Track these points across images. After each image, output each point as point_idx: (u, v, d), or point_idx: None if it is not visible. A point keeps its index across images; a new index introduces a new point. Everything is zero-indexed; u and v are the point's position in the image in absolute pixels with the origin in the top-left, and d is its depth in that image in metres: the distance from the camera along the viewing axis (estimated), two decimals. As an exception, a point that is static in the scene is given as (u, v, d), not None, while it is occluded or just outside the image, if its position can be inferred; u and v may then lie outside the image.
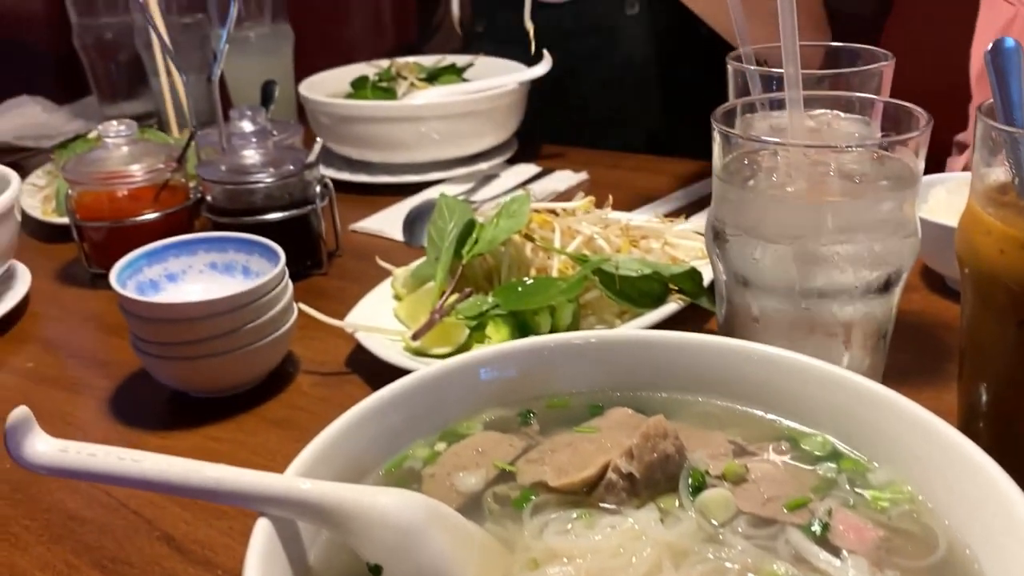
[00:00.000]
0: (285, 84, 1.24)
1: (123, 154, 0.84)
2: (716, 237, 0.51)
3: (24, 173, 1.14)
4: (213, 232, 0.73)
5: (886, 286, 0.50)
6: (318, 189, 0.85)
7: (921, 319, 0.73)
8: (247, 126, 0.88)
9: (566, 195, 1.07)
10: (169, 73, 1.12)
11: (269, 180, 0.82)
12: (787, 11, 0.51)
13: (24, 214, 0.99)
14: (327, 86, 1.19)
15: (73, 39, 1.34)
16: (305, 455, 0.39)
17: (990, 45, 0.47)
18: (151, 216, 0.84)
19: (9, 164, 1.24)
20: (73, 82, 1.48)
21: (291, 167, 0.83)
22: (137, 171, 0.83)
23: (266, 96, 1.01)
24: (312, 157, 0.85)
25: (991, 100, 0.47)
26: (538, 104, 1.21)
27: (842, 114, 0.64)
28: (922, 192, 0.78)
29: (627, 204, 0.97)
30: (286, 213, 0.83)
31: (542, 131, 1.26)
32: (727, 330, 0.55)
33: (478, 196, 1.07)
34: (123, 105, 1.38)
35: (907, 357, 0.65)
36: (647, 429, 0.41)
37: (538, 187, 1.08)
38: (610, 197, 0.81)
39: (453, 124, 1.09)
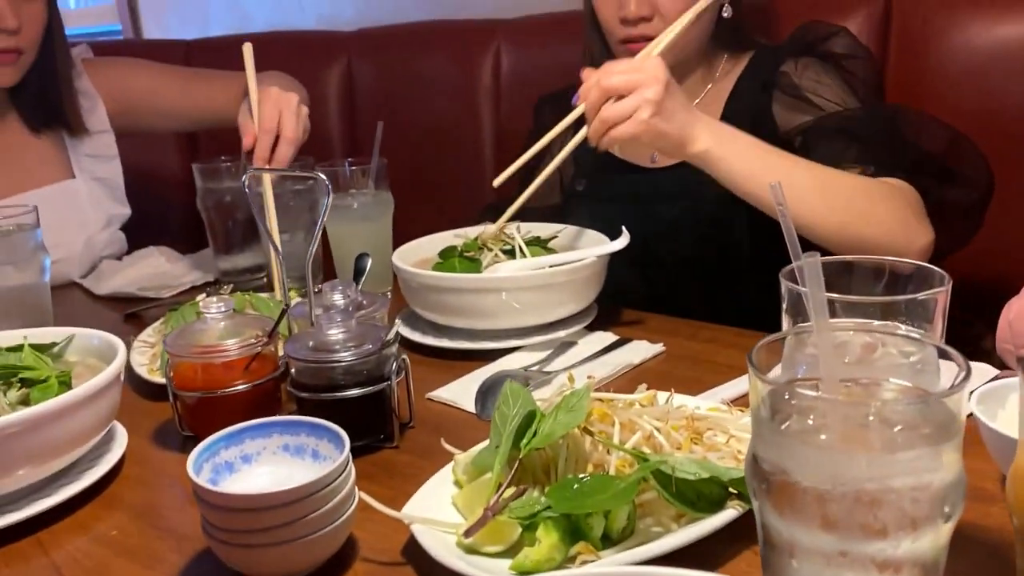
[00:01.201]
0: (383, 248, 1.32)
1: (219, 329, 0.92)
2: (755, 471, 0.51)
3: (142, 325, 1.25)
4: (288, 416, 0.78)
5: (931, 530, 0.49)
6: (394, 366, 0.90)
7: (1000, 536, 0.69)
8: (338, 300, 0.94)
9: (640, 367, 1.08)
10: (274, 243, 1.21)
11: (350, 359, 0.87)
12: (814, 276, 0.53)
13: (131, 371, 1.08)
14: (419, 253, 1.26)
15: (196, 201, 1.47)
16: None
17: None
18: (241, 387, 0.90)
19: (131, 314, 1.37)
20: (194, 235, 1.62)
21: (370, 346, 0.88)
22: (231, 345, 0.90)
23: (358, 270, 1.07)
24: (390, 336, 0.90)
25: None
26: (620, 269, 1.23)
27: (901, 327, 0.64)
28: (999, 398, 0.76)
29: (700, 380, 0.97)
30: (362, 390, 0.87)
31: (623, 296, 1.28)
32: (765, 560, 0.54)
33: (554, 365, 1.09)
34: (236, 258, 1.50)
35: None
36: None
37: (613, 358, 1.10)
38: (672, 390, 0.82)
39: (533, 295, 1.13)
